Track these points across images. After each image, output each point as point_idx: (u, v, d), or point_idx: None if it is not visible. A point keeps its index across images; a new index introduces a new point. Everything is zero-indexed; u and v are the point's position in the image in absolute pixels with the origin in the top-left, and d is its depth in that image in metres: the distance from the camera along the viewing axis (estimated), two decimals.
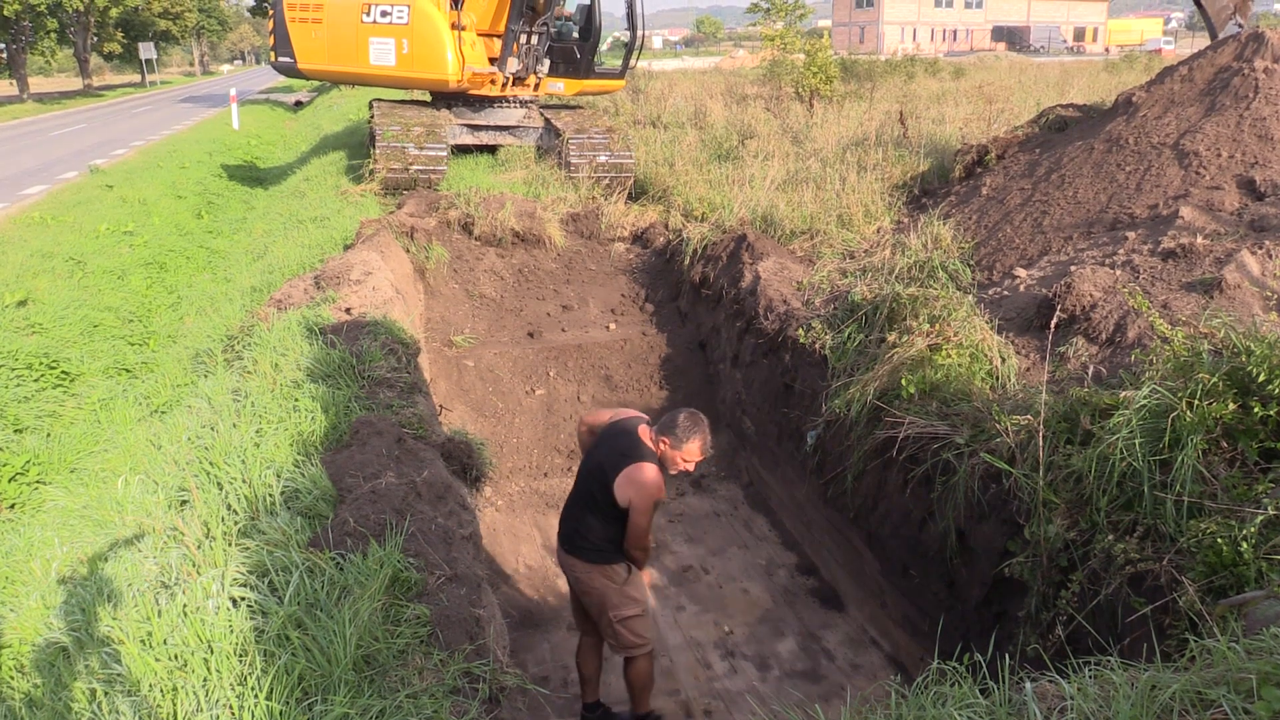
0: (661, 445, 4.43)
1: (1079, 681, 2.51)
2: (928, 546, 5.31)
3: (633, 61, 14.64)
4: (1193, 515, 3.49)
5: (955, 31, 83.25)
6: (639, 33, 14.01)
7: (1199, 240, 6.04)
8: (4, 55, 48.05)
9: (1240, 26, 9.03)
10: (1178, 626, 3.16)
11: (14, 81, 48.39)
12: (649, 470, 4.36)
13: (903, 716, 2.50)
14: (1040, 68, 24.36)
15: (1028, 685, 2.50)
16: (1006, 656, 2.75)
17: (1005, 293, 6.86)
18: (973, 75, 24.69)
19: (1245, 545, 3.11)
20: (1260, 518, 3.18)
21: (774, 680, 5.57)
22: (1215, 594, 3.13)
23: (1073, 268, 6.34)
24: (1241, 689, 2.23)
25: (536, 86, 13.41)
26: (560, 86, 13.82)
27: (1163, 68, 9.49)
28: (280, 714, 2.75)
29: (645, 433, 4.51)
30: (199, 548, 3.72)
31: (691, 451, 4.41)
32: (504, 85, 12.94)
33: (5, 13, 40.60)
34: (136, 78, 69.73)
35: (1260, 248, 5.77)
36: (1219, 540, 3.21)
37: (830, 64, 19.80)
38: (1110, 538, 3.74)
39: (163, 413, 6.84)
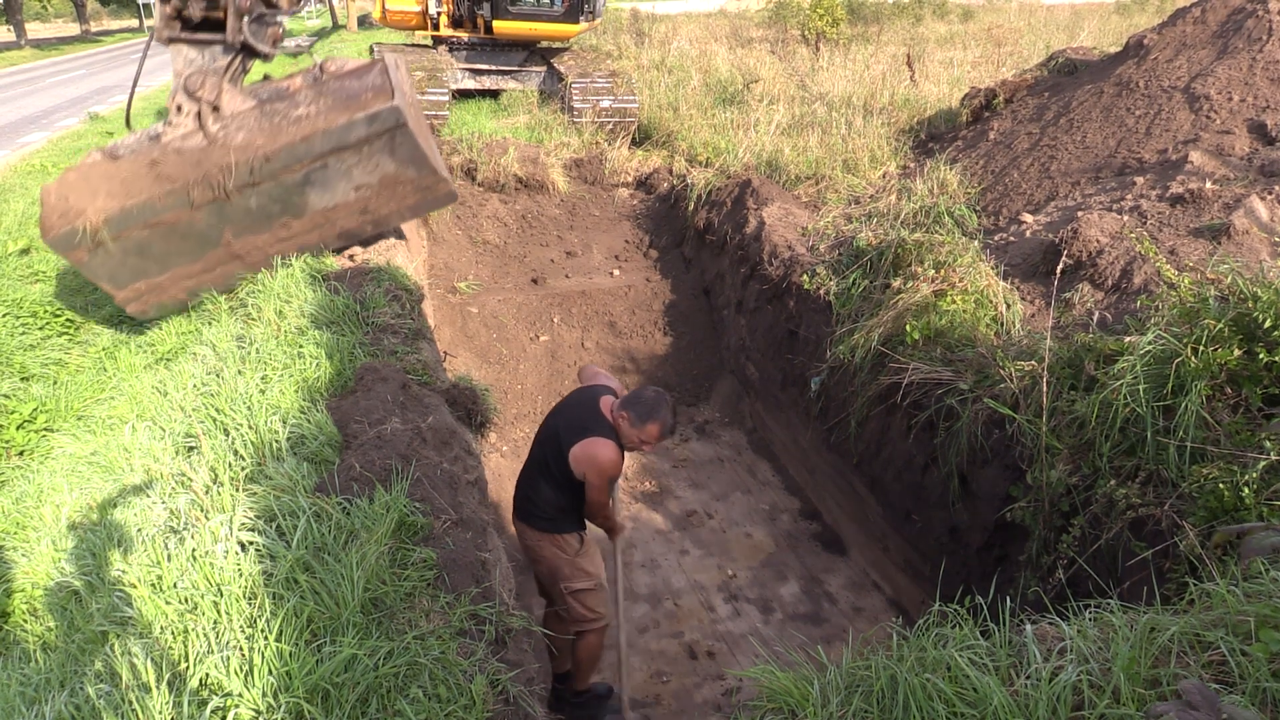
0: (620, 421, 4.20)
1: (1079, 623, 2.53)
2: (930, 492, 5.35)
3: (596, 6, 13.63)
4: (1195, 461, 3.50)
5: None
6: None
7: (1208, 185, 5.98)
8: (1, 1, 47.38)
9: None
10: (1177, 570, 3.18)
11: (11, 27, 47.67)
12: (603, 446, 4.15)
13: (904, 657, 2.53)
14: (1050, 10, 23.92)
15: (1028, 627, 2.53)
16: (1007, 599, 2.77)
17: (1011, 238, 6.82)
18: (981, 18, 24.27)
19: (1247, 490, 3.12)
20: (1262, 463, 3.18)
21: (777, 623, 5.64)
22: None
23: (1080, 213, 6.28)
24: (1239, 631, 2.25)
25: (488, 30, 13.20)
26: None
27: (1175, 9, 9.33)
28: (289, 655, 2.79)
29: (607, 404, 4.31)
30: (207, 493, 3.75)
31: (649, 433, 4.16)
32: (434, 25, 13.29)
33: None
34: (134, 22, 68.79)
35: (1270, 193, 5.70)
36: (1221, 485, 3.22)
37: (836, 6, 19.50)
38: (1112, 483, 3.76)
39: (168, 360, 6.84)
